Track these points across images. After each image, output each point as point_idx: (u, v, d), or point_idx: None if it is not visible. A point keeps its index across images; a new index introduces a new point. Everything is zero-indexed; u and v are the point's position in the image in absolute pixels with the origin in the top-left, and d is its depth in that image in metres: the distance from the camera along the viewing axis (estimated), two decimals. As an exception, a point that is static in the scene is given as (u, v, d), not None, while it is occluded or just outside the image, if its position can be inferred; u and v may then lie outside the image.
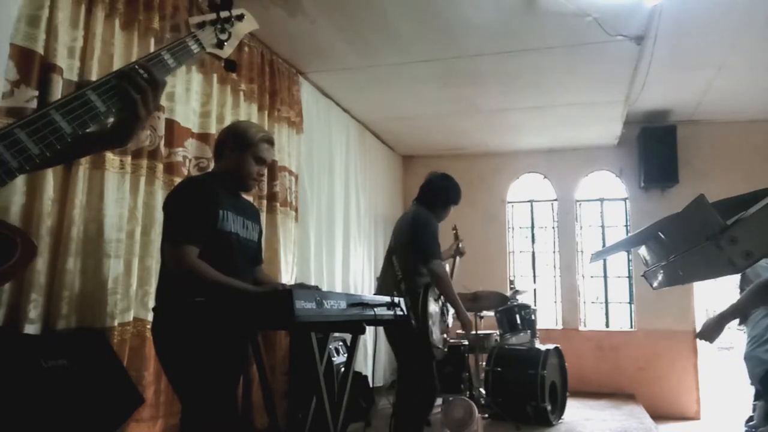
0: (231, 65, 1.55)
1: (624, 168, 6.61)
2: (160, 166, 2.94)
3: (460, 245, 4.05)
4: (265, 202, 3.90)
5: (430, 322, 3.18)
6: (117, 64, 2.70)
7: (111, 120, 1.20)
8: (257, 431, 3.53)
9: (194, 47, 1.36)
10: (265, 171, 2.34)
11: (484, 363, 4.93)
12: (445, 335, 3.46)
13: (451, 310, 3.64)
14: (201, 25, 1.42)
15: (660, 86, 5.03)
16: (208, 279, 1.97)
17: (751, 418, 4.40)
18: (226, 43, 1.47)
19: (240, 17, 1.52)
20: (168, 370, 2.09)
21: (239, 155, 2.20)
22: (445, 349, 3.47)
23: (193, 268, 1.98)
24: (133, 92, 1.13)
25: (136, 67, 1.18)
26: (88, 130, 1.08)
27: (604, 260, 6.75)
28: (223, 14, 1.46)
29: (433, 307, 3.29)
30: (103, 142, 1.26)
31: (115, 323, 2.61)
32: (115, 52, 2.68)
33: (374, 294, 3.59)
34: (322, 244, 4.81)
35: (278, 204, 4.01)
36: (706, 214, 1.15)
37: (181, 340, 1.99)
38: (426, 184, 3.61)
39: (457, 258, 4.04)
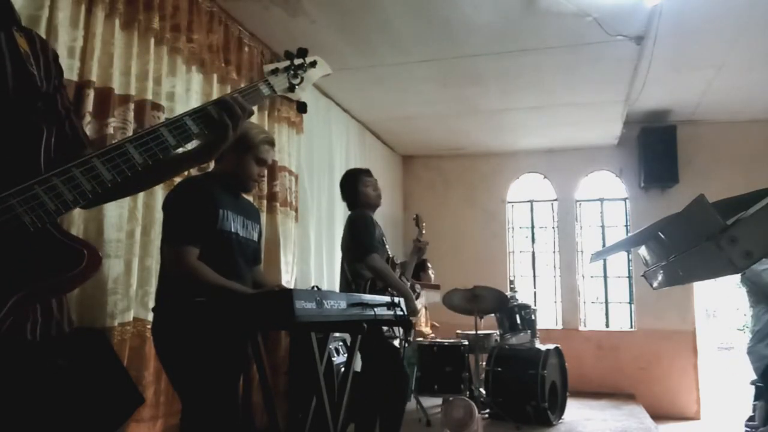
0: (302, 107, 1.59)
1: (624, 168, 6.61)
2: (160, 166, 2.94)
3: (419, 243, 3.73)
4: (265, 202, 3.90)
5: None
6: (117, 64, 2.70)
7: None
8: (257, 431, 3.53)
9: (266, 91, 1.45)
10: (266, 171, 2.34)
11: (484, 363, 4.93)
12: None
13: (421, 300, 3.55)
14: (275, 72, 1.50)
15: (660, 86, 5.03)
16: (207, 281, 1.97)
17: (751, 418, 4.41)
18: (297, 87, 1.54)
19: (313, 64, 1.60)
20: (169, 370, 2.09)
21: (240, 156, 2.19)
22: (409, 338, 3.39)
23: (192, 270, 1.98)
24: (227, 118, 1.27)
25: (235, 97, 1.32)
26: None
27: (604, 260, 6.75)
28: (297, 61, 1.55)
29: None
30: (190, 161, 1.38)
31: (115, 323, 2.61)
32: (115, 52, 2.68)
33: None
34: (322, 244, 4.81)
35: (278, 204, 4.01)
36: (706, 214, 1.15)
37: (182, 340, 1.99)
38: (340, 191, 3.55)
39: (414, 258, 3.75)
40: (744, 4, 3.68)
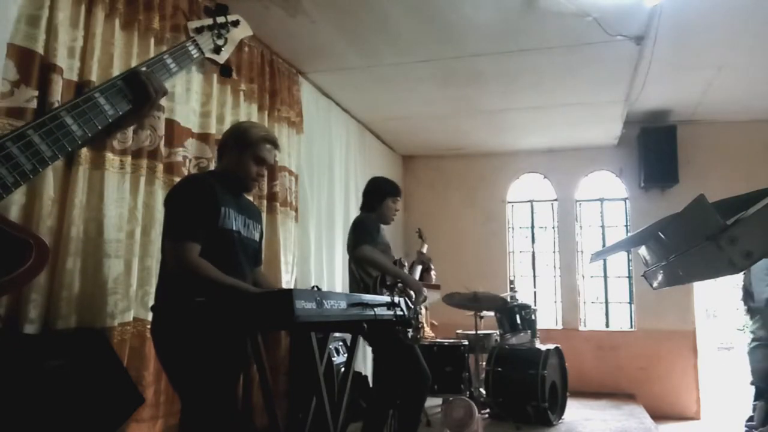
0: (226, 71, 1.59)
1: (624, 168, 6.61)
2: (160, 166, 2.94)
3: (423, 250, 3.80)
4: (265, 202, 3.90)
5: None
6: (117, 64, 2.70)
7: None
8: (257, 431, 3.53)
9: (194, 52, 1.40)
10: (266, 171, 2.33)
11: (484, 363, 4.93)
12: (414, 322, 3.33)
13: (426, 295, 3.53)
14: (200, 30, 1.46)
15: (660, 86, 5.03)
16: (210, 278, 1.97)
17: (751, 418, 4.41)
18: (222, 49, 1.51)
19: (235, 23, 1.56)
20: (168, 370, 2.09)
21: (239, 155, 2.19)
22: (418, 336, 3.40)
23: (195, 267, 1.97)
24: (151, 92, 1.20)
25: (148, 71, 1.22)
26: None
27: (604, 260, 6.75)
28: (220, 20, 1.50)
29: (387, 295, 3.25)
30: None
31: (115, 323, 2.61)
32: (115, 52, 2.68)
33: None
34: (322, 244, 4.81)
35: (278, 204, 4.01)
36: (706, 214, 1.15)
37: (181, 340, 1.99)
38: (363, 191, 3.60)
39: (419, 267, 3.76)
40: (744, 4, 3.68)
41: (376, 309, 2.25)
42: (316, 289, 1.99)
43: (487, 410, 4.72)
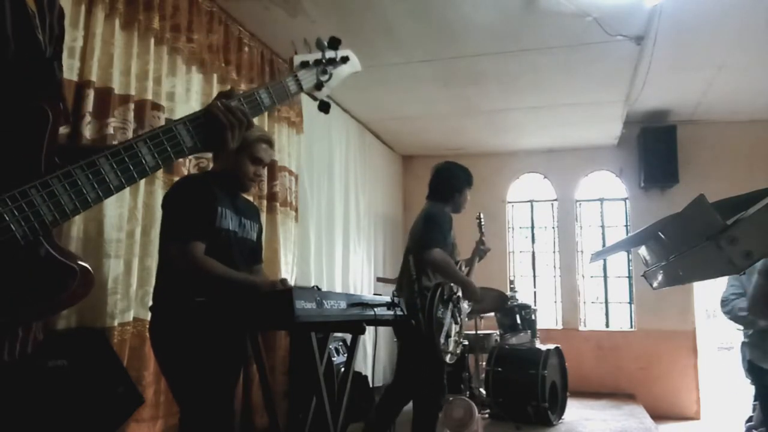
0: (325, 106, 1.45)
1: (624, 168, 6.61)
2: (160, 166, 2.93)
3: (482, 246, 3.71)
4: (265, 202, 3.90)
5: (438, 327, 3.12)
6: (117, 64, 2.70)
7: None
8: (257, 431, 3.53)
9: (293, 88, 1.30)
10: (263, 171, 2.33)
11: (484, 363, 4.93)
12: (457, 338, 3.31)
13: (464, 310, 3.43)
14: (305, 64, 1.35)
15: (660, 86, 5.03)
16: (220, 275, 1.97)
17: (750, 418, 4.41)
18: (325, 85, 1.41)
19: (345, 59, 1.48)
20: (165, 370, 2.09)
21: (235, 155, 2.19)
22: (458, 353, 3.32)
23: (204, 265, 1.98)
24: (229, 130, 1.15)
25: (238, 105, 1.18)
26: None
27: (604, 260, 6.75)
28: (329, 55, 1.42)
29: (442, 311, 3.15)
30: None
31: (115, 323, 2.61)
32: (115, 52, 2.68)
33: (392, 294, 3.44)
34: (322, 244, 4.81)
35: (278, 204, 4.01)
36: (706, 214, 1.15)
37: (179, 340, 1.99)
38: (432, 177, 3.47)
39: (476, 260, 3.67)
40: (744, 5, 3.68)
41: (376, 309, 2.26)
42: (316, 289, 2.00)
43: (487, 410, 4.71)
